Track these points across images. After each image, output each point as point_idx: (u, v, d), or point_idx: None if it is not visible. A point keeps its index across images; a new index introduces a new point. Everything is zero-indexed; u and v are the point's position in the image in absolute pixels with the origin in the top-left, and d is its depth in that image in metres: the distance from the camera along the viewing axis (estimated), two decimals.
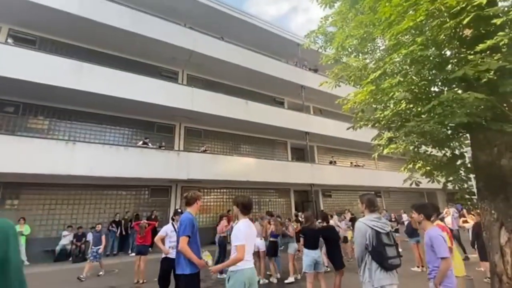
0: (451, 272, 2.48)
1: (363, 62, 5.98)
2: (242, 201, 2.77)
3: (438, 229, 2.69)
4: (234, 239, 2.58)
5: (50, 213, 9.54)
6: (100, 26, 10.49)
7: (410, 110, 4.35)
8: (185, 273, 2.74)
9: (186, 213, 2.97)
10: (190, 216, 2.93)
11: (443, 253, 2.42)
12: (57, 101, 10.09)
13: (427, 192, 22.43)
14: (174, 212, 4.33)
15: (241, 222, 2.72)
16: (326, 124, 16.10)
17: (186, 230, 2.77)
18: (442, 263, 2.39)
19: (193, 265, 2.76)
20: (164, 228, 4.52)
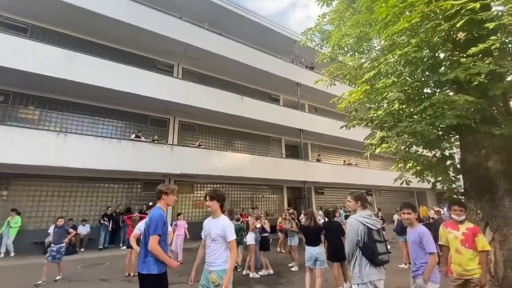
0: (436, 267, 2.61)
1: (358, 62, 6.04)
2: (222, 194, 2.71)
3: (423, 226, 2.90)
4: (230, 234, 2.51)
5: (40, 205, 9.40)
6: (94, 16, 10.27)
7: (403, 111, 4.43)
8: (153, 273, 2.55)
9: (156, 209, 2.73)
10: (162, 212, 2.71)
11: (432, 248, 2.64)
12: (49, 91, 9.88)
13: (417, 192, 22.86)
14: (146, 207, 4.00)
15: (225, 218, 2.66)
16: (321, 122, 16.21)
17: (158, 228, 2.57)
18: (430, 258, 2.57)
19: (161, 265, 2.60)
20: (139, 226, 4.22)
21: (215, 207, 2.66)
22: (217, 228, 2.58)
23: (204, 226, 2.76)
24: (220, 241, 2.54)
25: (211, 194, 2.70)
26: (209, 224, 2.69)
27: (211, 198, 2.66)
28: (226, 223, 2.62)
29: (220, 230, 2.56)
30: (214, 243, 2.56)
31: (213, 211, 2.68)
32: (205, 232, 2.69)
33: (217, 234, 2.56)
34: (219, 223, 2.61)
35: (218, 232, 2.55)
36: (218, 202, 2.65)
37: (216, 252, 2.53)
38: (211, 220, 2.72)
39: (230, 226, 2.61)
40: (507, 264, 3.34)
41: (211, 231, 2.59)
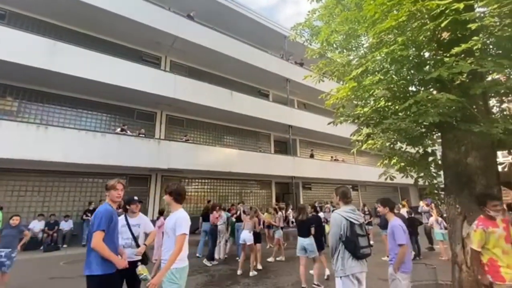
0: (408, 259, 2.73)
1: (346, 59, 6.08)
2: (176, 189, 2.56)
3: (399, 220, 3.01)
4: (179, 227, 2.35)
5: (20, 200, 9.07)
6: (77, 4, 9.85)
7: (388, 108, 4.51)
8: (95, 274, 2.31)
9: (103, 204, 2.58)
10: (109, 208, 2.53)
11: (401, 240, 2.76)
12: (29, 82, 9.45)
13: (401, 187, 23.57)
14: (127, 200, 3.41)
15: (182, 211, 2.52)
16: (309, 118, 16.34)
17: (101, 224, 2.38)
18: (400, 249, 2.72)
19: (107, 265, 2.36)
20: None
21: (168, 201, 2.57)
22: (169, 222, 2.48)
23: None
24: (171, 235, 2.39)
25: (165, 188, 2.63)
26: (167, 219, 2.60)
27: (165, 192, 2.60)
28: (179, 215, 2.47)
29: (171, 223, 2.43)
30: (167, 237, 2.44)
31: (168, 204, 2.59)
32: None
33: (169, 227, 2.44)
34: (173, 216, 2.50)
35: (170, 226, 2.43)
36: (170, 195, 2.52)
37: (171, 248, 2.37)
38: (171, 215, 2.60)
39: (183, 219, 2.44)
40: None
41: (165, 225, 2.51)
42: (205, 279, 5.49)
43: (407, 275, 2.79)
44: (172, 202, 2.54)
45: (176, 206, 2.54)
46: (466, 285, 3.53)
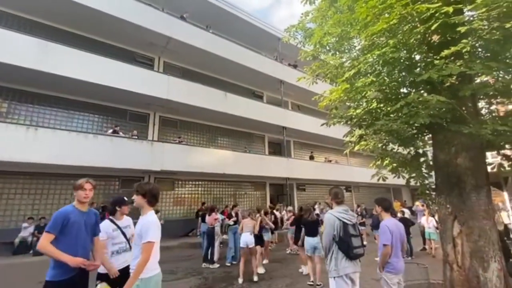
0: (395, 260, 2.74)
1: (339, 61, 6.14)
2: (151, 189, 2.30)
3: (391, 220, 3.00)
4: (145, 234, 2.11)
5: (9, 203, 8.86)
6: (69, 4, 9.71)
7: (380, 109, 4.57)
8: (46, 279, 2.15)
9: (67, 206, 2.44)
10: (67, 208, 2.35)
11: (384, 240, 2.79)
12: (18, 82, 9.26)
13: (393, 188, 23.84)
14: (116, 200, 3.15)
15: (151, 215, 2.26)
16: (303, 120, 16.42)
17: (51, 225, 2.20)
18: (382, 249, 2.76)
19: (57, 271, 2.14)
20: (103, 228, 2.93)
21: (139, 202, 2.28)
22: (137, 227, 2.24)
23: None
24: (138, 242, 2.16)
25: (136, 187, 2.33)
26: (137, 223, 2.32)
27: (136, 192, 2.29)
28: (147, 220, 2.21)
29: (138, 228, 2.20)
30: (134, 244, 2.21)
31: (138, 207, 2.31)
32: None
33: (136, 233, 2.21)
34: (140, 221, 2.25)
35: (137, 231, 2.20)
36: (143, 197, 2.26)
37: (138, 256, 2.13)
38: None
39: (152, 224, 2.19)
40: (473, 255, 3.55)
41: (135, 230, 2.29)
42: (198, 281, 5.45)
43: (394, 275, 2.75)
44: (145, 204, 2.26)
45: (148, 209, 2.27)
46: (457, 284, 3.58)
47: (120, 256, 2.91)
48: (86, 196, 2.39)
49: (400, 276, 2.80)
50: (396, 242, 2.80)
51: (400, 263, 2.79)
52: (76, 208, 2.38)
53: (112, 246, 2.94)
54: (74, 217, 2.31)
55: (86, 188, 2.40)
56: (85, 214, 2.43)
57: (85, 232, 2.38)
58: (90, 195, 2.43)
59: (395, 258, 2.78)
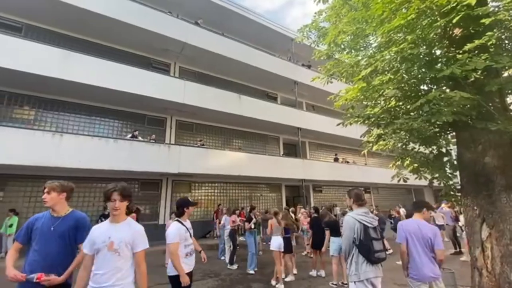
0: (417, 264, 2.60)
1: (355, 59, 6.01)
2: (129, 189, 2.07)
3: (414, 220, 2.86)
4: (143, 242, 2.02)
5: (37, 206, 9.33)
6: (89, 14, 10.17)
7: (400, 108, 4.43)
8: None
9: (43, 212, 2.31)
10: (37, 215, 2.25)
11: (397, 239, 2.81)
12: (44, 91, 9.79)
13: (415, 189, 22.96)
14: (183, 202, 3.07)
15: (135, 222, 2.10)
16: (318, 120, 16.20)
17: (18, 233, 2.17)
18: None
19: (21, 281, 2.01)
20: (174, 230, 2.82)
21: (123, 209, 2.01)
22: (123, 235, 1.94)
23: (95, 234, 1.96)
24: (126, 253, 1.92)
25: (125, 191, 2.01)
26: (107, 230, 1.96)
27: (125, 197, 2.00)
28: (140, 228, 2.06)
29: (128, 237, 1.94)
30: (116, 256, 1.89)
31: (118, 214, 1.99)
32: (97, 242, 1.91)
33: (124, 242, 1.92)
34: (128, 228, 1.99)
35: (126, 240, 1.93)
36: (129, 202, 2.05)
37: (121, 269, 1.88)
38: (108, 225, 2.01)
39: (144, 233, 2.05)
40: (504, 260, 3.34)
41: (112, 239, 1.91)
42: (216, 283, 5.48)
43: (419, 282, 2.59)
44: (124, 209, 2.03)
45: (124, 215, 2.06)
46: None
47: (191, 257, 2.91)
48: (43, 200, 2.21)
49: (428, 284, 2.57)
50: (415, 244, 2.64)
51: (424, 269, 2.58)
52: (49, 213, 2.22)
53: (184, 248, 2.85)
54: (40, 223, 2.16)
55: (44, 191, 2.23)
56: (59, 219, 2.20)
57: (52, 239, 2.12)
58: (46, 198, 2.21)
59: (417, 262, 2.61)
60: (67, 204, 2.34)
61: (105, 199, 2.00)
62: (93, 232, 1.99)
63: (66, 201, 2.35)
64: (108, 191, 1.98)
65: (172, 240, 2.74)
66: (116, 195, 1.96)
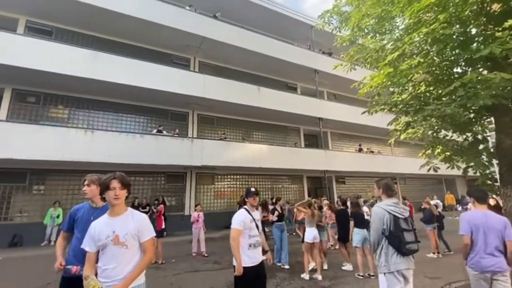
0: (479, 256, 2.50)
1: (380, 43, 5.73)
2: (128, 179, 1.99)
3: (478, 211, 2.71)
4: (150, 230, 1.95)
5: (74, 198, 10.04)
6: (112, 15, 10.53)
7: (430, 93, 4.18)
8: None
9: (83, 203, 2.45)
10: (78, 206, 2.39)
11: (460, 231, 2.65)
12: (75, 91, 10.38)
13: (446, 179, 21.79)
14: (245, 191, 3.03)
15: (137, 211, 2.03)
16: (340, 110, 15.75)
17: (63, 223, 2.38)
18: None
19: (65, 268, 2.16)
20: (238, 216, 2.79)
21: (123, 198, 1.96)
22: (128, 226, 1.87)
23: (97, 230, 1.86)
24: (133, 244, 1.86)
25: (125, 180, 1.95)
26: (109, 224, 1.87)
27: (124, 185, 1.94)
28: (143, 216, 2.01)
29: (133, 228, 1.87)
30: (123, 249, 1.81)
31: (117, 203, 1.91)
32: (101, 238, 1.83)
33: (131, 234, 1.86)
34: (131, 218, 1.92)
35: (132, 232, 1.86)
36: (128, 192, 2.01)
37: (130, 261, 1.83)
38: (109, 219, 1.90)
39: (148, 221, 2.01)
40: None
41: (117, 233, 1.83)
42: None
43: (476, 272, 2.52)
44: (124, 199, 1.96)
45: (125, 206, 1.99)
46: None
47: (257, 250, 2.76)
48: (83, 192, 2.36)
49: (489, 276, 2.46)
50: (482, 236, 2.51)
51: (487, 261, 2.46)
52: (89, 204, 2.38)
53: (249, 238, 2.72)
54: (81, 213, 2.32)
55: (84, 184, 2.37)
56: (97, 209, 2.32)
57: None
58: (86, 191, 2.35)
59: (481, 254, 2.50)
60: None
61: (102, 189, 1.92)
62: (94, 228, 1.88)
63: None
64: (107, 179, 1.91)
65: (234, 225, 2.69)
66: (115, 183, 1.89)
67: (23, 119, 9.63)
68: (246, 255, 2.64)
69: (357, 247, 5.17)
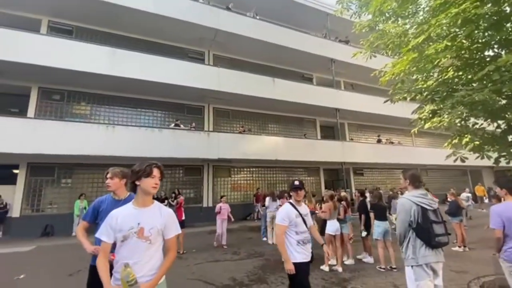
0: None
1: (402, 28, 5.45)
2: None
3: (504, 204, 2.65)
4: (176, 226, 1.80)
5: (99, 190, 10.50)
6: (127, 11, 10.67)
7: (459, 78, 3.93)
8: None
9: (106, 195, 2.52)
10: (101, 198, 2.46)
11: (491, 225, 2.60)
12: (96, 88, 10.73)
13: (471, 170, 20.77)
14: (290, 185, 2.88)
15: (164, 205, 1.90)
16: (358, 100, 15.28)
17: (85, 214, 2.45)
18: None
19: (93, 256, 2.21)
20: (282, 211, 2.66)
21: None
22: (155, 220, 1.71)
23: (120, 220, 1.67)
24: (157, 240, 1.71)
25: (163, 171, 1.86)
26: (134, 215, 1.69)
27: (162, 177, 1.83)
28: (171, 211, 1.85)
29: (160, 223, 1.72)
30: (147, 244, 1.66)
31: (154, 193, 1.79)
32: (123, 229, 1.65)
33: (158, 229, 1.71)
34: (159, 212, 1.76)
35: (158, 226, 1.71)
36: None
37: (152, 258, 1.68)
38: (135, 209, 1.72)
39: (175, 217, 1.86)
40: None
41: (142, 225, 1.67)
42: (260, 263, 5.68)
43: (509, 264, 2.49)
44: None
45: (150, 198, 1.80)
46: None
47: (306, 246, 2.60)
48: (107, 185, 2.42)
49: None
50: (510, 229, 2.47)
51: None
52: (111, 196, 2.45)
53: (296, 235, 2.56)
54: (105, 205, 2.38)
55: (107, 177, 2.43)
56: (120, 202, 2.33)
57: None
58: (109, 183, 2.41)
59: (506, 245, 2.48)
60: (125, 189, 2.55)
61: (140, 176, 1.72)
62: (116, 217, 1.68)
63: (125, 186, 2.54)
64: (149, 166, 1.76)
65: (278, 221, 2.56)
66: (157, 172, 1.76)
67: (49, 116, 10.10)
68: (296, 252, 2.52)
69: (378, 240, 5.04)
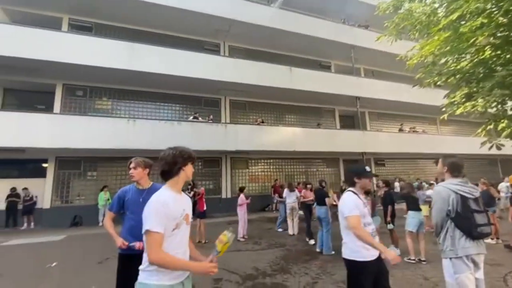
0: None
1: (430, 7, 5.09)
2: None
3: None
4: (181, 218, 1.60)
5: (122, 183, 10.89)
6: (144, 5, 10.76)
7: (499, 57, 3.61)
8: None
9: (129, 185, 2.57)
10: (125, 188, 2.52)
11: None
12: (117, 83, 11.00)
13: (502, 159, 19.55)
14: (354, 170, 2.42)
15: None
16: (380, 87, 14.65)
17: (111, 205, 2.51)
18: None
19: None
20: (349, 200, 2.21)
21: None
22: (190, 205, 1.73)
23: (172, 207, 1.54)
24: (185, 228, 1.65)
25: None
26: (179, 201, 1.62)
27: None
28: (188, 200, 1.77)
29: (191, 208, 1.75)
30: (188, 230, 1.66)
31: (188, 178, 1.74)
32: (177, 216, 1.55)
33: (191, 214, 1.73)
34: (187, 198, 1.76)
35: (191, 211, 1.73)
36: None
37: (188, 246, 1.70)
38: (176, 195, 1.63)
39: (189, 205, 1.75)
40: None
41: (187, 211, 1.64)
42: (282, 253, 5.67)
43: None
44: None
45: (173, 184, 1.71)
46: None
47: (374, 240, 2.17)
48: (131, 175, 2.45)
49: None
50: None
51: None
52: (135, 186, 2.49)
53: (364, 227, 2.14)
54: (129, 195, 2.43)
55: (130, 167, 2.46)
56: (144, 191, 2.42)
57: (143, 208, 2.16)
58: (133, 173, 2.43)
59: None
60: (148, 178, 2.59)
61: (183, 161, 1.70)
62: (167, 203, 1.53)
63: (147, 176, 2.58)
64: (192, 154, 1.78)
65: (350, 212, 2.12)
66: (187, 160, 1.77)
67: (73, 112, 10.52)
68: (364, 247, 2.08)
69: (411, 232, 4.82)
